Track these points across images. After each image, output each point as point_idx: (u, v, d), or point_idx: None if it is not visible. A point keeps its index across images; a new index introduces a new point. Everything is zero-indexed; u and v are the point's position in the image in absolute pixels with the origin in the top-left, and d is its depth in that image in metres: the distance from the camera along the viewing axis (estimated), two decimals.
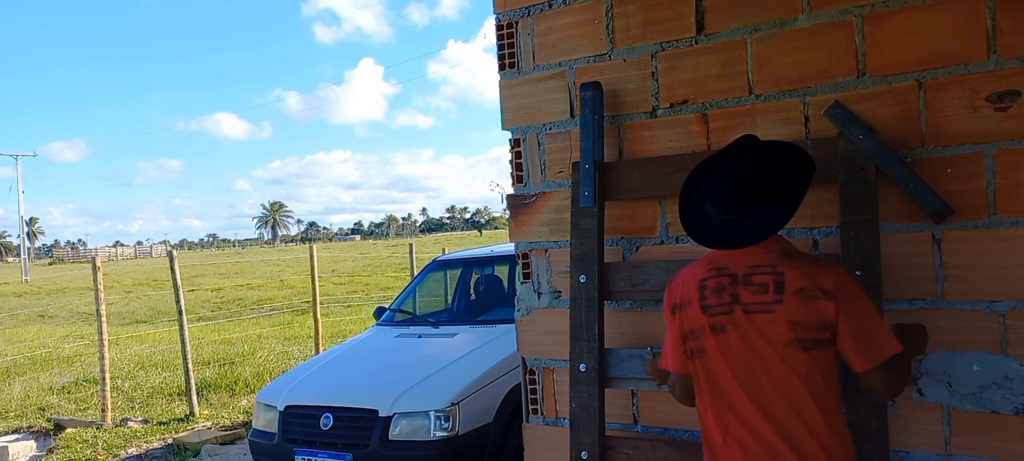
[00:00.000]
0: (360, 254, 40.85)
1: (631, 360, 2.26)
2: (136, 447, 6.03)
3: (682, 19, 2.28)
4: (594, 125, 2.33)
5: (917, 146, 2.00)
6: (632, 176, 2.32)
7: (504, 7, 2.57)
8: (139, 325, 14.92)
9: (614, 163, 2.35)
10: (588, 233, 2.32)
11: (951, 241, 1.97)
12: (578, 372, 2.30)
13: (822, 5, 2.08)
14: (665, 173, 2.25)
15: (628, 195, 2.34)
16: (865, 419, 1.91)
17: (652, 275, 2.25)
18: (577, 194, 2.34)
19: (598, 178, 2.32)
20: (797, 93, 2.13)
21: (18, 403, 7.78)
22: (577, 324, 2.31)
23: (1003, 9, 1.89)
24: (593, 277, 2.30)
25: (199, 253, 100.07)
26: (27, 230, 55.70)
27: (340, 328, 11.99)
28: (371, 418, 4.09)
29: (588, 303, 2.30)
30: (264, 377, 7.90)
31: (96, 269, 6.87)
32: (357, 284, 21.56)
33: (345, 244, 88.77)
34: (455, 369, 4.38)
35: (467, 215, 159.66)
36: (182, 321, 7.03)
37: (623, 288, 2.30)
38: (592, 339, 2.28)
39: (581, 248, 2.32)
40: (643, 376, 2.22)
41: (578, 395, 2.30)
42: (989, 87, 1.92)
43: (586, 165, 2.33)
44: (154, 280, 28.17)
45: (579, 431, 2.29)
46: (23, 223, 44.80)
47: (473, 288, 6.30)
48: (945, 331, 1.95)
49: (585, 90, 2.36)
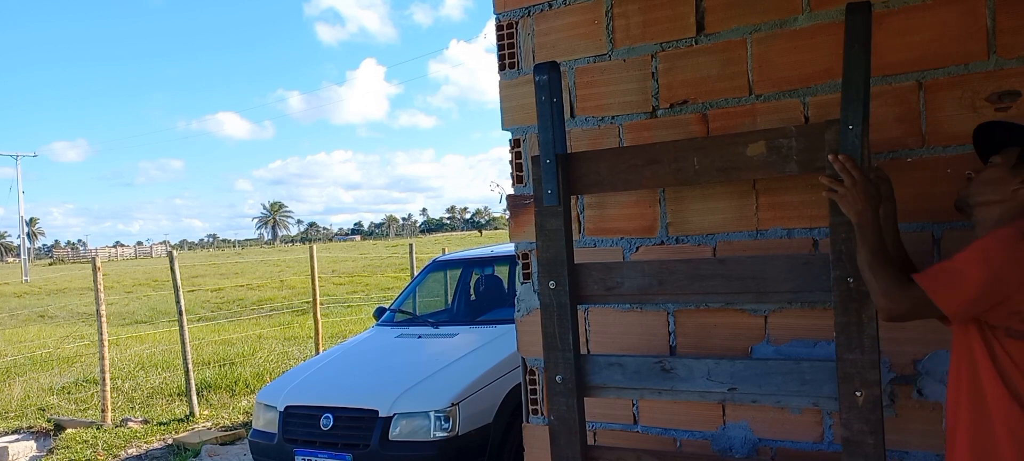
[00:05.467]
0: (360, 254, 40.83)
1: (610, 368, 2.13)
2: (136, 447, 6.03)
3: (682, 19, 2.28)
4: (553, 113, 2.12)
5: (917, 146, 2.00)
6: (600, 169, 2.13)
7: (504, 7, 2.57)
8: (139, 325, 14.91)
9: (579, 155, 2.18)
10: (554, 234, 2.14)
11: (951, 241, 1.97)
12: (554, 383, 2.17)
13: (822, 5, 2.08)
14: (636, 165, 2.08)
15: (596, 189, 2.18)
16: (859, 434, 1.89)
17: (628, 278, 2.11)
18: (540, 193, 2.16)
19: (561, 173, 2.13)
20: (797, 93, 2.13)
21: (18, 403, 7.78)
22: (549, 334, 2.17)
23: (1003, 9, 1.89)
24: (563, 282, 2.13)
25: (199, 253, 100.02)
26: (27, 230, 55.69)
27: (340, 328, 11.99)
28: (371, 418, 4.09)
29: (560, 310, 2.14)
30: (264, 377, 7.90)
31: (96, 269, 6.87)
32: (357, 284, 21.56)
33: (345, 244, 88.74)
34: (455, 369, 4.39)
35: (467, 215, 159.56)
36: (182, 321, 7.03)
37: (597, 292, 2.15)
38: (567, 349, 2.14)
39: (548, 251, 2.16)
40: (623, 385, 2.13)
41: (556, 407, 2.17)
42: (989, 87, 1.92)
43: (547, 160, 2.13)
44: (154, 280, 28.15)
45: (560, 444, 2.18)
46: (23, 223, 44.78)
47: (473, 288, 6.30)
48: (945, 330, 1.95)
49: (539, 72, 2.13)
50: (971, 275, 1.53)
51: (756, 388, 1.94)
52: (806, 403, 1.90)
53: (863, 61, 1.72)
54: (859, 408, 1.78)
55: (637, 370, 2.09)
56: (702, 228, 2.28)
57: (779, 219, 2.16)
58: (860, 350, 1.77)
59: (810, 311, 2.12)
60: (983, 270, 1.52)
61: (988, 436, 1.59)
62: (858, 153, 1.73)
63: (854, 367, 1.78)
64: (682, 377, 2.03)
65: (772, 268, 1.93)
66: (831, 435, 2.13)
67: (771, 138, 1.90)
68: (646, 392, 2.10)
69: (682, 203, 2.30)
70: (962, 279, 1.53)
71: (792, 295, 1.91)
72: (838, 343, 1.80)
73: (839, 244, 1.79)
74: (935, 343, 1.97)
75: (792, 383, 1.90)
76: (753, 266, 1.95)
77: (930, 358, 2.00)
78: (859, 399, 1.77)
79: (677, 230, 2.31)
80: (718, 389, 1.99)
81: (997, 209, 1.64)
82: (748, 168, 1.94)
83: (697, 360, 2.03)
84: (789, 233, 2.15)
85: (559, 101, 2.16)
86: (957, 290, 1.54)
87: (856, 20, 1.73)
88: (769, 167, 1.91)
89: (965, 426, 1.63)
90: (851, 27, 1.73)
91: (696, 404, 2.22)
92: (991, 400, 1.58)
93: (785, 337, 2.17)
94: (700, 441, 2.32)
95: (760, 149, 1.91)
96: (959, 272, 1.54)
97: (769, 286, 1.93)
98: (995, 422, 1.58)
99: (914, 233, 2.00)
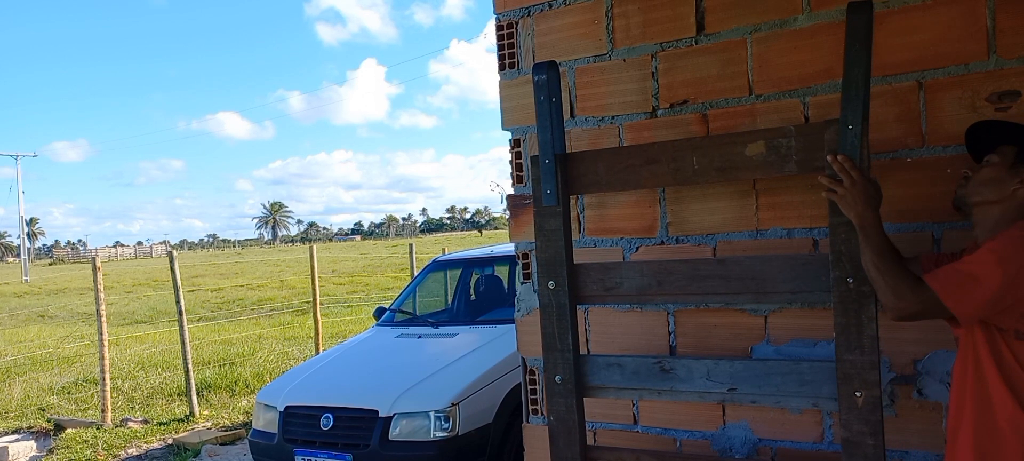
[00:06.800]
0: (360, 254, 40.84)
1: (610, 368, 2.13)
2: (136, 447, 6.03)
3: (682, 19, 2.27)
4: (552, 112, 2.13)
5: (917, 146, 2.00)
6: (598, 169, 2.13)
7: (504, 7, 2.57)
8: (139, 325, 14.92)
9: (578, 155, 2.17)
10: (554, 235, 2.15)
11: (951, 241, 1.96)
12: (554, 384, 2.18)
13: (822, 5, 2.08)
14: (634, 165, 2.08)
15: (595, 189, 2.18)
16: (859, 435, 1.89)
17: (627, 278, 2.10)
18: (538, 192, 2.16)
19: (560, 173, 2.14)
20: (797, 93, 2.13)
21: (18, 403, 7.78)
22: (549, 334, 2.17)
23: (1003, 9, 1.89)
24: (562, 283, 2.14)
25: (199, 253, 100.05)
26: (27, 230, 55.70)
27: (340, 328, 11.99)
28: (371, 418, 4.09)
29: (559, 311, 2.15)
30: (264, 377, 7.90)
31: (96, 269, 6.87)
32: (357, 284, 21.56)
33: (345, 244, 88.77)
34: (455, 369, 4.38)
35: (467, 215, 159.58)
36: (182, 321, 7.03)
37: (595, 292, 2.15)
38: (566, 349, 2.14)
39: (547, 252, 2.16)
40: (623, 385, 2.13)
41: (555, 408, 2.17)
42: (989, 87, 1.92)
43: (546, 160, 2.14)
44: (154, 280, 28.16)
45: (559, 445, 2.18)
46: (23, 223, 44.79)
47: (473, 288, 6.30)
48: (945, 330, 1.95)
49: (538, 72, 2.12)
50: (986, 279, 1.53)
51: (756, 388, 1.94)
52: (806, 403, 1.89)
53: (864, 61, 1.72)
54: (859, 408, 1.78)
55: (636, 370, 2.09)
56: (702, 228, 2.28)
57: (779, 219, 2.16)
58: (860, 350, 1.77)
59: (810, 311, 2.12)
60: (998, 274, 1.52)
61: (992, 437, 1.59)
62: (857, 153, 1.72)
63: (854, 367, 1.78)
64: (682, 377, 2.03)
65: (772, 268, 1.92)
66: (831, 435, 2.13)
67: (770, 138, 1.90)
68: (645, 392, 2.10)
69: (682, 203, 2.30)
70: (975, 283, 1.53)
71: (792, 295, 1.91)
72: (838, 343, 1.80)
73: (839, 244, 1.78)
74: (935, 343, 1.97)
75: (792, 383, 1.90)
76: (753, 266, 1.95)
77: (930, 358, 2.00)
78: (859, 399, 1.77)
79: (677, 230, 2.31)
80: (718, 389, 1.99)
81: (996, 209, 1.64)
82: (747, 168, 1.94)
83: (697, 360, 2.02)
84: (789, 233, 2.15)
85: (558, 101, 2.15)
86: (970, 294, 1.54)
87: (857, 20, 1.73)
88: (768, 167, 1.91)
89: (969, 427, 1.63)
90: (852, 26, 1.73)
91: (696, 404, 2.22)
92: (996, 401, 1.58)
93: (785, 337, 2.17)
94: (700, 441, 2.32)
95: (759, 149, 1.91)
96: (972, 276, 1.54)
97: (769, 286, 1.93)
98: (1000, 423, 1.58)
99: (914, 233, 2.00)
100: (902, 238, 2.00)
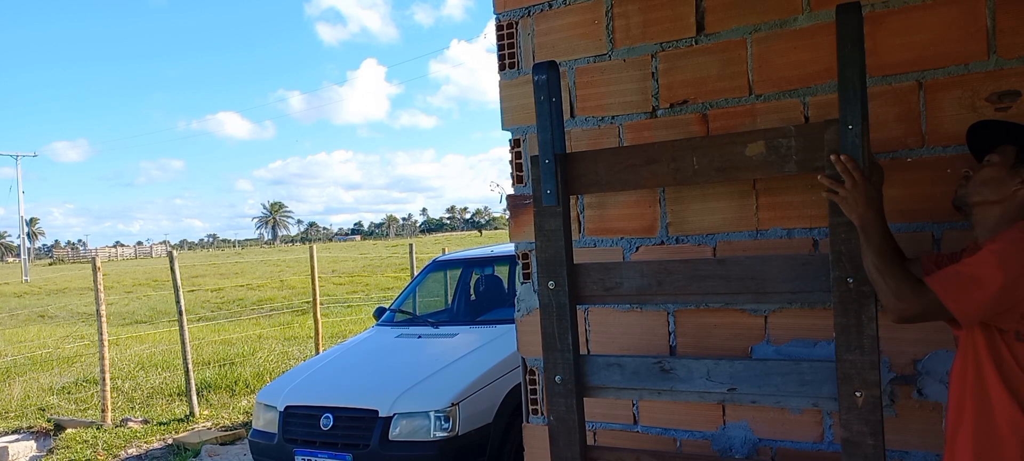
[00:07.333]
0: (360, 254, 40.84)
1: (610, 368, 2.13)
2: (136, 447, 6.04)
3: (682, 19, 2.27)
4: (552, 112, 2.13)
5: (917, 146, 2.00)
6: (598, 169, 2.13)
7: (504, 7, 2.57)
8: (139, 325, 14.92)
9: (577, 155, 2.17)
10: (554, 235, 2.15)
11: (951, 241, 1.96)
12: (554, 384, 2.19)
13: (822, 5, 2.08)
14: (634, 165, 2.08)
15: (595, 189, 2.18)
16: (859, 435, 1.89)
17: (627, 278, 2.10)
18: (538, 192, 2.16)
19: (560, 173, 2.14)
20: (797, 93, 2.13)
21: (18, 403, 7.78)
22: (549, 334, 2.17)
23: (1003, 9, 1.89)
24: (562, 283, 2.14)
25: (199, 253, 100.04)
26: (27, 230, 55.71)
27: (340, 328, 11.99)
28: (371, 418, 4.09)
29: (559, 311, 2.15)
30: (264, 377, 7.90)
31: (96, 269, 6.87)
32: (357, 284, 21.56)
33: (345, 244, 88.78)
34: (455, 369, 4.39)
35: (467, 215, 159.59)
36: (182, 321, 7.03)
37: (595, 292, 2.15)
38: (566, 349, 2.15)
39: (547, 252, 2.16)
40: (623, 385, 2.13)
41: (555, 408, 2.17)
42: (989, 87, 1.92)
43: (546, 160, 2.14)
44: (154, 280, 28.16)
45: (560, 444, 2.19)
46: (23, 223, 44.79)
47: (473, 288, 6.30)
48: (945, 331, 1.95)
49: (538, 72, 2.12)
50: (987, 281, 1.53)
51: (756, 388, 1.94)
52: (806, 403, 1.89)
53: (858, 60, 1.72)
54: (859, 408, 1.78)
55: (636, 370, 2.09)
56: (702, 228, 2.28)
57: (779, 219, 2.16)
58: (860, 350, 1.77)
59: (810, 311, 2.12)
60: (999, 276, 1.52)
61: (992, 438, 1.59)
62: (858, 153, 1.72)
63: (854, 367, 1.78)
64: (682, 377, 2.03)
65: (772, 268, 1.92)
66: (831, 435, 2.13)
67: (770, 138, 1.90)
68: (645, 392, 2.10)
69: (682, 203, 2.30)
70: (977, 285, 1.53)
71: (792, 295, 1.91)
72: (838, 343, 1.80)
73: (839, 244, 1.78)
74: (935, 343, 1.97)
75: (792, 383, 1.90)
76: (753, 266, 1.95)
77: (930, 358, 2.00)
78: (859, 399, 1.77)
79: (677, 230, 2.31)
80: (718, 389, 1.99)
81: (997, 209, 1.64)
82: (747, 168, 1.94)
83: (697, 360, 2.02)
84: (789, 233, 2.15)
85: (558, 101, 2.15)
86: (972, 296, 1.54)
87: (847, 20, 1.73)
88: (768, 167, 1.91)
89: (968, 428, 1.63)
90: (843, 27, 1.73)
91: (696, 404, 2.22)
92: (996, 402, 1.58)
93: (785, 337, 2.17)
94: (700, 441, 2.32)
95: (759, 149, 1.91)
96: (974, 278, 1.54)
97: (769, 286, 1.93)
98: (999, 425, 1.58)
99: (914, 233, 2.00)
100: (902, 238, 2.00)
